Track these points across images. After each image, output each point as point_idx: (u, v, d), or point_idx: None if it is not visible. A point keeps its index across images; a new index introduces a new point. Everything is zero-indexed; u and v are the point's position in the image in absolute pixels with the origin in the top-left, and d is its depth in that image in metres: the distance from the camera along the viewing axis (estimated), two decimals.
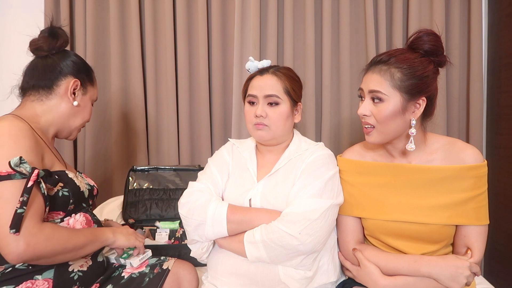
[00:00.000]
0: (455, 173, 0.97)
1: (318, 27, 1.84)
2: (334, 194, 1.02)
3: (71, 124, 1.10)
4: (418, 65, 0.94)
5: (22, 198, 0.83)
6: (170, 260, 1.15)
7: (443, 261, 0.94)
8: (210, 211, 1.01)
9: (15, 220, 0.81)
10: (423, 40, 0.96)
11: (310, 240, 0.94)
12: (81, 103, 1.10)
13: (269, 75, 1.09)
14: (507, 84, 1.74)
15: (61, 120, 1.07)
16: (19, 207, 0.82)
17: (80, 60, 1.12)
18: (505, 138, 1.74)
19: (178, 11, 1.80)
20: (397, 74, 0.94)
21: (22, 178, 0.85)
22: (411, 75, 0.94)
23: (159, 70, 1.85)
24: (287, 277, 0.99)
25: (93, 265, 1.03)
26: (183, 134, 1.85)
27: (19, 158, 0.85)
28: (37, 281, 0.91)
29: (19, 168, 0.85)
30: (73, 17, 1.83)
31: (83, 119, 1.13)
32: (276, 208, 1.02)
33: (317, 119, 1.87)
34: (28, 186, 0.84)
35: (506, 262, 1.14)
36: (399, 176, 1.02)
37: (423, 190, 0.99)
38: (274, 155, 1.13)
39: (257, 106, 1.07)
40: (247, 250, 0.98)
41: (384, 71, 0.95)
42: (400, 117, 0.96)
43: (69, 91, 1.07)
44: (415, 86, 0.94)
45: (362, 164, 1.07)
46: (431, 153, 1.02)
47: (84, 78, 1.11)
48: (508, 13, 1.73)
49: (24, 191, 0.83)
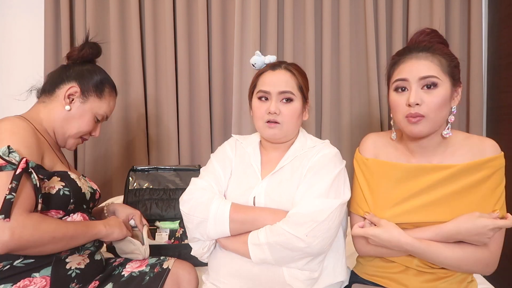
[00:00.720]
0: (477, 167, 0.94)
1: (318, 27, 1.84)
2: (340, 192, 1.00)
3: (65, 131, 1.09)
4: (452, 54, 0.96)
5: (11, 185, 0.84)
6: (170, 260, 1.15)
7: (463, 228, 0.91)
8: (212, 209, 0.99)
9: (5, 206, 0.82)
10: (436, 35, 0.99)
11: (317, 242, 0.92)
12: (76, 110, 1.08)
13: (282, 71, 1.06)
14: (507, 84, 1.74)
15: (56, 125, 1.07)
16: (8, 194, 0.83)
17: (96, 72, 1.12)
18: (505, 138, 1.74)
19: (178, 11, 1.80)
20: (443, 60, 0.93)
21: (12, 170, 0.86)
22: (452, 61, 0.94)
23: (159, 70, 1.85)
24: (292, 278, 0.96)
25: (90, 263, 1.03)
26: (183, 134, 1.85)
27: (7, 147, 0.87)
28: (35, 279, 0.91)
29: (7, 157, 0.86)
30: (73, 17, 1.83)
31: (79, 129, 1.10)
32: (280, 206, 1.00)
33: (317, 119, 1.87)
34: (16, 174, 0.85)
35: (506, 262, 1.14)
36: (421, 177, 0.98)
37: (444, 189, 0.95)
38: (279, 152, 1.10)
39: (269, 103, 1.04)
40: (251, 251, 0.96)
41: (432, 57, 0.93)
42: (448, 105, 0.94)
43: (64, 95, 1.06)
44: (457, 72, 0.95)
45: (382, 164, 1.03)
46: (450, 150, 0.99)
47: (90, 88, 1.10)
48: (508, 13, 1.73)
49: (13, 178, 0.84)
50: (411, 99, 0.91)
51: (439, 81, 0.91)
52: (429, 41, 0.97)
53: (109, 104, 1.15)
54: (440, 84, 0.91)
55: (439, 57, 0.93)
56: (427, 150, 1.00)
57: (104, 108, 1.14)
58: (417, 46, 0.96)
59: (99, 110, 1.12)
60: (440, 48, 0.95)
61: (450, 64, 0.94)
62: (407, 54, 0.96)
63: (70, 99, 1.08)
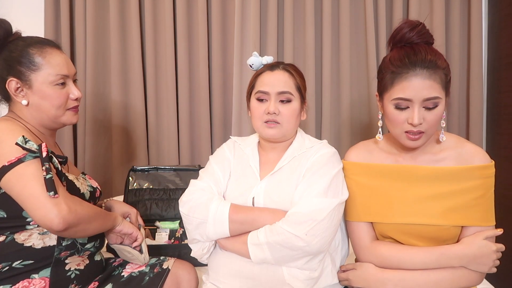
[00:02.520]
0: (464, 174, 0.96)
1: (318, 27, 1.84)
2: (339, 191, 1.00)
3: (46, 117, 1.02)
4: (447, 65, 0.94)
5: (45, 166, 0.86)
6: (170, 260, 1.15)
7: (471, 252, 0.93)
8: (212, 210, 1.00)
9: (49, 184, 0.84)
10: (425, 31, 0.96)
11: (316, 241, 0.92)
12: (33, 96, 1.00)
13: (280, 71, 1.07)
14: (507, 84, 1.73)
15: (33, 119, 1.03)
16: (46, 174, 0.85)
17: (12, 50, 0.99)
18: (505, 138, 1.74)
19: (178, 11, 1.80)
20: (442, 75, 0.92)
21: (33, 158, 0.88)
22: (448, 74, 0.94)
23: (159, 70, 1.85)
24: (292, 278, 0.97)
25: (90, 263, 1.03)
26: (183, 134, 1.85)
27: (23, 136, 0.88)
28: (34, 280, 0.91)
29: (26, 145, 0.87)
30: (73, 17, 1.83)
31: (53, 106, 1.02)
32: (279, 206, 1.01)
33: (317, 119, 1.87)
34: (44, 157, 0.86)
35: (506, 262, 1.14)
36: (408, 178, 1.00)
37: (432, 191, 0.98)
38: (277, 153, 1.11)
39: (268, 103, 1.05)
40: (251, 252, 0.96)
41: (435, 75, 0.90)
42: (442, 115, 0.95)
43: (12, 93, 1.00)
44: (449, 81, 0.95)
45: (369, 166, 1.05)
46: (440, 152, 1.00)
47: (21, 70, 0.98)
48: (508, 13, 1.73)
49: (43, 161, 0.86)
50: (415, 120, 0.90)
51: (441, 100, 0.91)
52: (431, 52, 0.93)
53: (53, 65, 1.01)
54: (440, 102, 0.92)
55: (441, 73, 0.91)
56: (416, 151, 1.02)
57: (50, 72, 1.00)
58: (421, 61, 0.90)
59: (49, 78, 1.00)
60: (442, 60, 0.92)
61: (447, 78, 0.93)
62: (411, 69, 0.90)
63: (20, 92, 1.00)
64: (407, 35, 0.95)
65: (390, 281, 0.96)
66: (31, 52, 0.99)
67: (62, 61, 1.03)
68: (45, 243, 0.94)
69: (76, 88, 1.07)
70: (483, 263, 0.93)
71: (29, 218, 0.93)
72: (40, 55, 1.00)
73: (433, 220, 0.96)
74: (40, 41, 1.03)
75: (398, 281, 0.96)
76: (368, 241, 1.03)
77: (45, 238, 0.94)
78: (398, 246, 1.00)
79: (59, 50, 1.05)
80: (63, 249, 0.96)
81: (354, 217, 1.05)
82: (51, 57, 1.01)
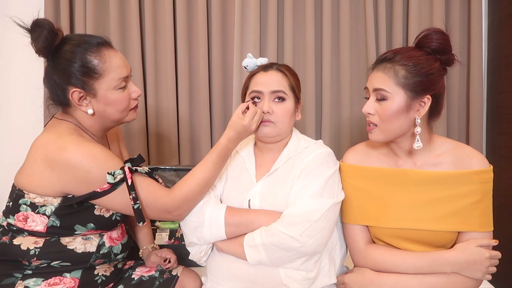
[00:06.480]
0: (461, 178, 0.96)
1: (318, 27, 1.84)
2: (334, 192, 1.01)
3: (110, 120, 1.01)
4: (423, 62, 0.93)
5: (132, 195, 0.91)
6: (179, 267, 1.18)
7: (463, 258, 0.93)
8: (207, 213, 1.01)
9: (138, 215, 0.92)
10: (431, 38, 0.96)
11: (311, 241, 0.93)
12: (98, 104, 0.96)
13: (274, 71, 1.08)
14: (507, 84, 1.74)
15: (96, 124, 1.01)
16: (134, 204, 0.91)
17: (71, 59, 0.93)
18: (505, 138, 1.74)
19: (178, 11, 1.80)
20: (402, 72, 0.93)
21: (122, 183, 0.93)
22: (416, 72, 0.93)
23: (159, 70, 1.85)
24: (288, 279, 0.97)
25: (114, 270, 1.07)
26: (183, 134, 1.85)
27: (109, 173, 0.91)
28: (65, 278, 0.95)
29: (116, 180, 0.91)
30: (73, 17, 1.83)
31: (118, 110, 0.99)
32: (275, 208, 1.01)
33: (317, 119, 1.87)
34: (129, 185, 0.91)
35: (506, 262, 1.14)
36: (405, 182, 1.00)
37: (429, 196, 0.98)
38: (273, 154, 1.11)
39: (262, 103, 1.06)
40: (247, 253, 0.97)
41: (388, 68, 0.95)
42: (404, 116, 0.95)
43: (75, 103, 0.96)
44: (420, 83, 0.93)
45: (366, 169, 1.05)
46: (437, 156, 1.00)
47: (84, 80, 0.93)
48: (508, 13, 1.73)
49: (129, 189, 0.91)
50: (364, 108, 1.00)
51: (388, 94, 0.94)
52: (399, 50, 0.98)
53: (114, 69, 0.96)
54: (390, 97, 0.94)
55: (399, 68, 0.94)
56: (413, 154, 1.02)
57: (113, 77, 0.96)
58: (382, 56, 0.99)
59: (112, 83, 0.96)
60: (406, 58, 0.94)
61: (414, 76, 0.93)
62: (375, 64, 1.01)
63: (83, 101, 0.96)
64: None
65: (385, 285, 0.96)
66: (90, 59, 0.93)
67: (120, 62, 0.98)
68: (85, 249, 0.96)
69: (134, 86, 1.04)
70: (477, 270, 0.92)
71: (78, 230, 0.96)
72: (100, 60, 0.94)
73: (429, 225, 0.96)
74: (94, 43, 0.95)
75: (392, 285, 0.96)
76: (362, 244, 1.03)
77: (87, 243, 0.97)
78: (391, 250, 1.00)
79: (113, 49, 0.99)
80: (99, 256, 0.99)
81: (351, 220, 1.05)
82: (111, 61, 0.96)
